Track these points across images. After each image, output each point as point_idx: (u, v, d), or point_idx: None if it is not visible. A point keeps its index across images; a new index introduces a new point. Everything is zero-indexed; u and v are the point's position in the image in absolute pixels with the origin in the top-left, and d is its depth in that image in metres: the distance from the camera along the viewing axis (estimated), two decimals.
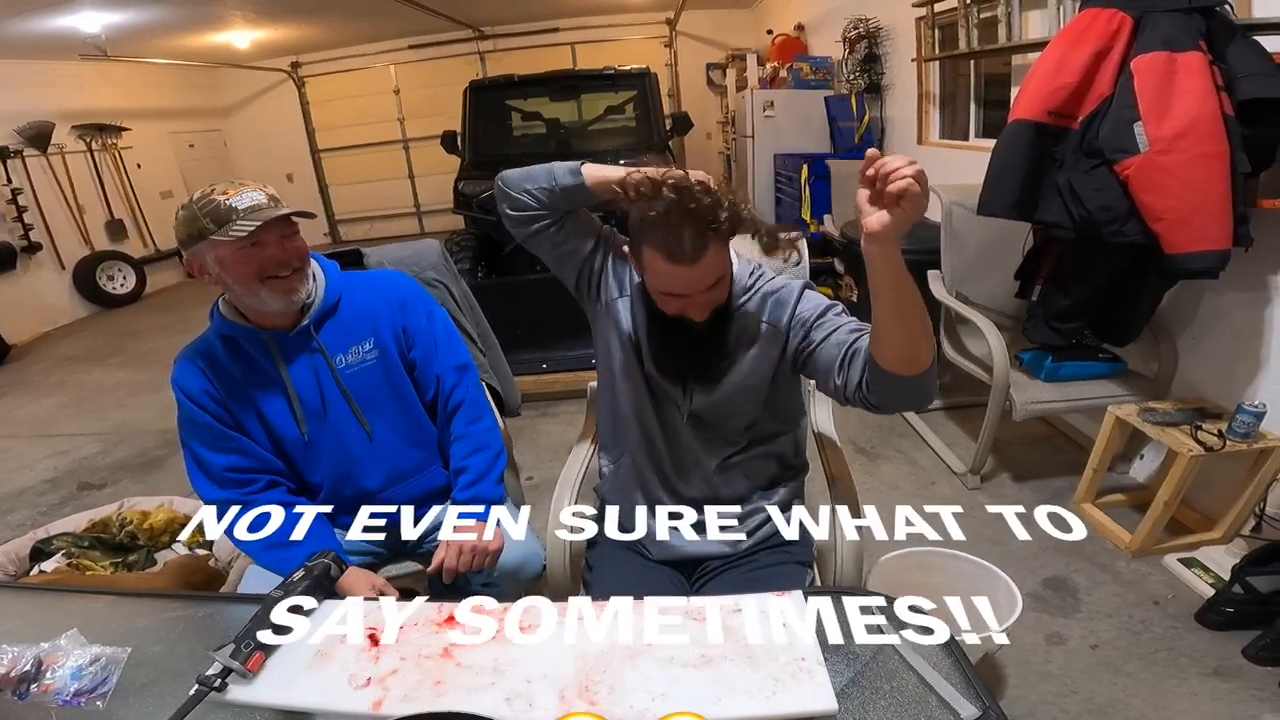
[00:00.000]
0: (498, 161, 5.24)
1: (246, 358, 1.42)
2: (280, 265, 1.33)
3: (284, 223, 1.33)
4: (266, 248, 1.31)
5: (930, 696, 0.80)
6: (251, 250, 1.29)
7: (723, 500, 1.37)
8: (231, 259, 1.29)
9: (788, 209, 5.29)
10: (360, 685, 0.87)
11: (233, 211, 1.26)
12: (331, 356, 1.45)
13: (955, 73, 4.13)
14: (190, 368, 1.40)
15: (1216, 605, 1.96)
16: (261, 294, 1.33)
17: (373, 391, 1.49)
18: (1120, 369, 2.54)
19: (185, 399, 1.40)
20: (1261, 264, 2.12)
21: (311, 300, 1.43)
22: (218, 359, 1.41)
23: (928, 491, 2.73)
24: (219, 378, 1.41)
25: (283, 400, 1.43)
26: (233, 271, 1.31)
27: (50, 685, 0.89)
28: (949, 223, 2.79)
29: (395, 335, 1.51)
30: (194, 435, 1.41)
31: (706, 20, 9.08)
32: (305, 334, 1.43)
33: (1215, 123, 1.87)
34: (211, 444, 1.40)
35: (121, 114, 7.56)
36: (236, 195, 1.28)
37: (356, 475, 1.50)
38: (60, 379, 5.11)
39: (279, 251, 1.32)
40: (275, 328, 1.41)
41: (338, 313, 1.47)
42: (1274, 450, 2.04)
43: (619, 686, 0.83)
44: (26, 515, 3.07)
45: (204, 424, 1.40)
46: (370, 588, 1.34)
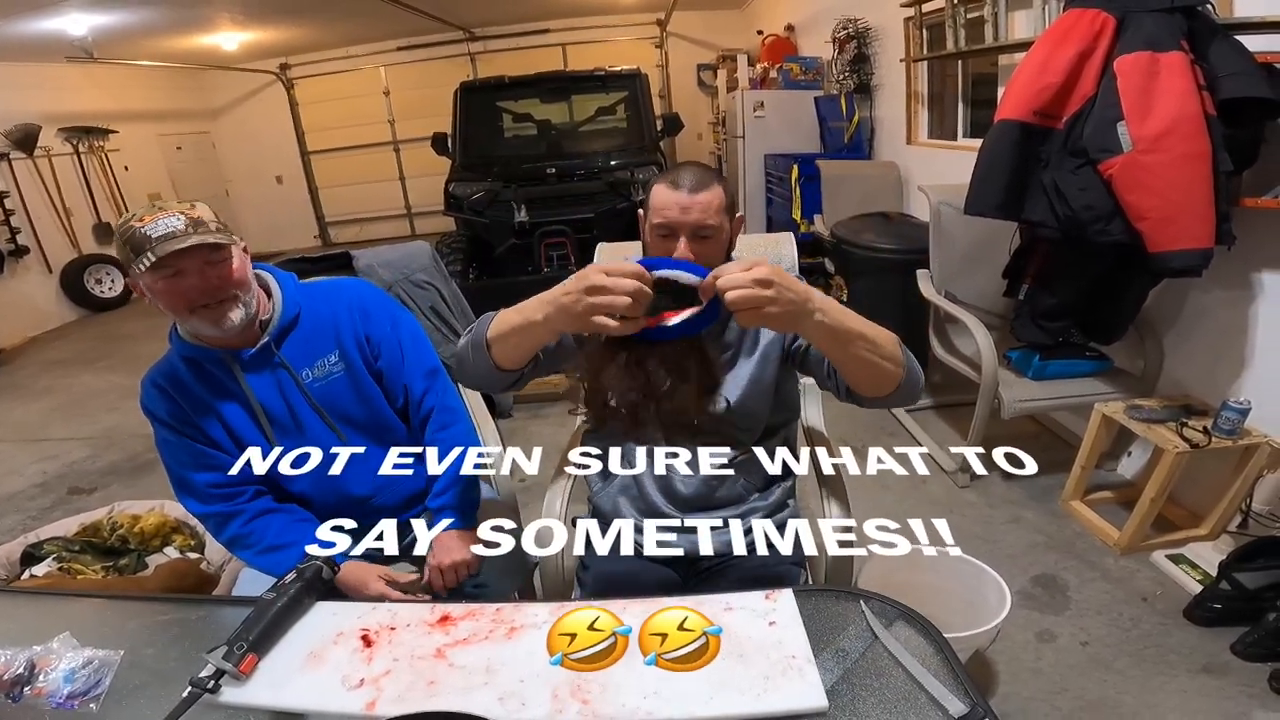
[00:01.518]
0: (489, 163, 5.30)
1: (209, 377, 1.39)
2: (205, 294, 1.26)
3: (206, 251, 1.24)
4: (187, 276, 1.24)
5: (919, 694, 0.81)
6: (173, 280, 1.24)
7: (716, 504, 1.39)
8: (158, 288, 1.25)
9: (778, 209, 5.31)
10: (354, 686, 0.87)
11: (146, 240, 1.19)
12: (297, 371, 1.42)
13: (943, 73, 4.15)
14: (154, 392, 1.38)
15: (1204, 602, 1.98)
16: (192, 321, 1.30)
17: (343, 403, 1.46)
18: (1107, 367, 2.57)
19: (156, 423, 1.39)
20: (1244, 262, 2.14)
21: (269, 317, 1.40)
22: (181, 380, 1.38)
23: (918, 489, 2.74)
24: (184, 399, 1.38)
25: (249, 417, 1.41)
26: (162, 300, 1.27)
27: (43, 688, 0.89)
28: (937, 222, 2.81)
29: (359, 344, 1.48)
30: (172, 456, 1.40)
31: (697, 21, 9.10)
32: (266, 351, 1.39)
33: (1197, 122, 1.89)
34: (190, 463, 1.39)
35: (109, 116, 7.51)
36: (151, 223, 1.20)
37: (342, 485, 1.48)
38: (48, 383, 5.08)
39: (199, 281, 1.25)
40: (233, 346, 1.38)
41: (298, 326, 1.43)
42: (1259, 446, 2.06)
43: (611, 685, 0.84)
44: (17, 520, 3.06)
45: (180, 443, 1.39)
46: (376, 578, 1.33)
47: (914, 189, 4.22)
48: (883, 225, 3.54)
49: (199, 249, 1.23)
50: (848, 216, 3.81)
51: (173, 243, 1.19)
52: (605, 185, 5.01)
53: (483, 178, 5.08)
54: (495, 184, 4.97)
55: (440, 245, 4.59)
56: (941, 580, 1.83)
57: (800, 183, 4.77)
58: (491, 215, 4.83)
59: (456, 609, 0.99)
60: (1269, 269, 2.13)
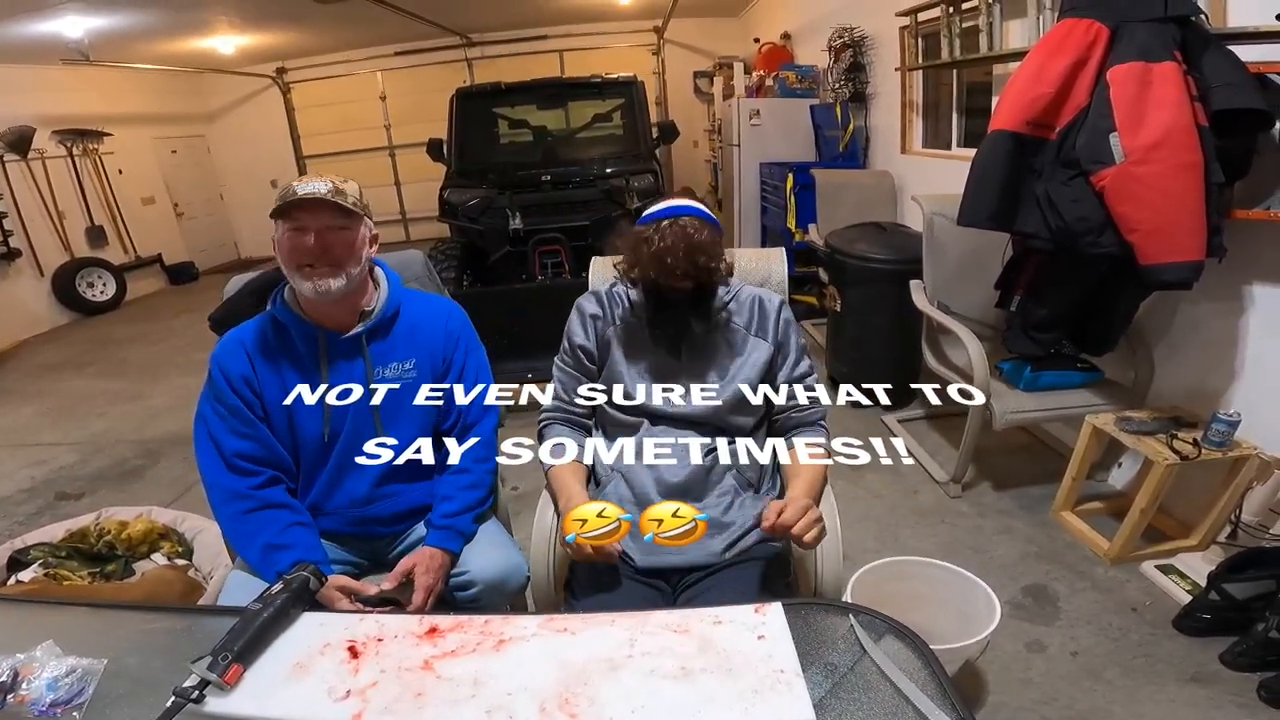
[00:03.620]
0: (484, 169, 5.29)
1: (292, 349, 1.44)
2: (314, 255, 1.34)
3: (332, 213, 1.35)
4: (307, 233, 1.34)
5: (907, 709, 0.81)
6: (295, 234, 1.34)
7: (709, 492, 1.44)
8: (283, 241, 1.36)
9: (773, 218, 5.32)
10: (340, 697, 0.86)
11: (292, 193, 1.32)
12: (374, 367, 1.47)
13: (938, 82, 4.17)
14: (235, 350, 1.43)
15: (1193, 612, 1.98)
16: (297, 278, 1.37)
17: (399, 408, 1.49)
18: (1098, 378, 2.57)
19: (221, 377, 1.42)
20: (1235, 274, 2.15)
21: (372, 308, 1.47)
22: (266, 342, 1.44)
23: (910, 500, 2.74)
24: (261, 363, 1.43)
25: (316, 395, 1.43)
26: (280, 252, 1.37)
27: (26, 696, 0.88)
28: (930, 233, 2.81)
29: (434, 363, 1.52)
30: (216, 414, 1.42)
31: (694, 29, 9.14)
32: (357, 341, 1.45)
33: (1190, 133, 1.90)
34: (231, 427, 1.41)
35: (104, 119, 7.50)
36: (304, 182, 1.34)
37: (351, 482, 1.50)
38: (38, 387, 5.05)
39: (316, 241, 1.34)
40: (330, 327, 1.44)
41: (392, 328, 1.50)
42: (1249, 458, 2.07)
43: (599, 699, 0.84)
44: (3, 525, 3.03)
45: (232, 405, 1.41)
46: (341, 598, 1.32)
47: (908, 198, 4.23)
48: (877, 235, 3.55)
49: (326, 209, 1.34)
50: (842, 226, 3.81)
51: (308, 197, 1.32)
52: (600, 193, 5.01)
53: (478, 184, 5.07)
54: (490, 191, 4.96)
55: (434, 252, 4.58)
56: (931, 590, 1.83)
57: (795, 191, 4.78)
58: (486, 222, 4.83)
59: (445, 621, 0.99)
60: (1260, 281, 2.13)
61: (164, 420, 4.18)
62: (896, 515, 2.65)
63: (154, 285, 8.20)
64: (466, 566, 1.44)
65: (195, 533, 2.31)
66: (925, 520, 2.61)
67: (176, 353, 5.48)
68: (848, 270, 3.45)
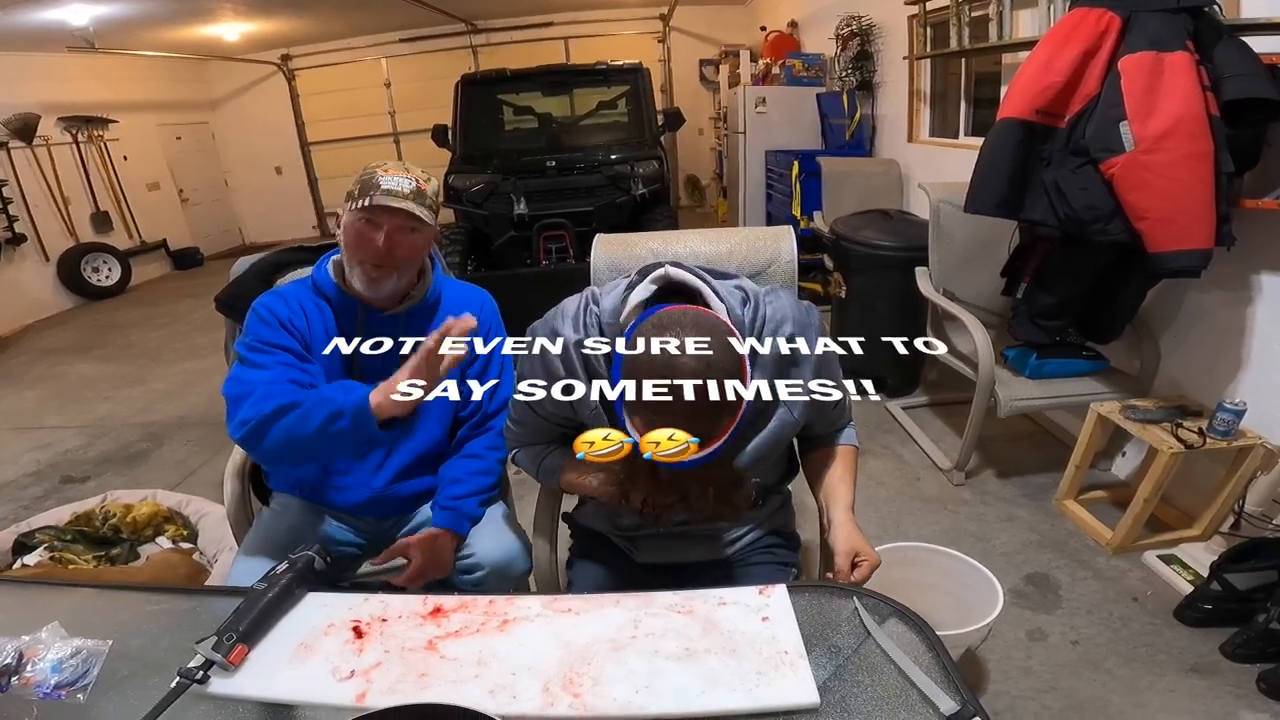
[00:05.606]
0: (489, 156, 5.28)
1: (327, 317, 1.44)
2: (380, 254, 1.35)
3: (407, 217, 1.34)
4: (379, 230, 1.34)
5: (911, 690, 0.81)
6: (367, 226, 1.34)
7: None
8: (350, 226, 1.36)
9: (778, 205, 5.30)
10: (344, 678, 0.86)
11: (376, 186, 1.32)
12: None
13: (946, 71, 4.14)
14: (276, 300, 1.42)
15: (1195, 602, 1.98)
16: (355, 268, 1.38)
17: None
18: (1103, 366, 2.57)
19: (269, 315, 1.38)
20: (1243, 263, 2.14)
21: (415, 293, 1.47)
22: (305, 304, 1.43)
23: (913, 487, 2.75)
24: (307, 310, 1.42)
25: (344, 368, 1.43)
26: (345, 236, 1.38)
27: (31, 678, 0.89)
28: (937, 220, 2.80)
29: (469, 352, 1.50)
30: (262, 349, 1.34)
31: (700, 16, 9.08)
32: (394, 321, 1.45)
33: (1200, 123, 1.88)
34: (281, 360, 1.34)
35: (108, 106, 7.51)
36: (388, 176, 1.33)
37: (374, 460, 1.51)
38: (43, 371, 5.07)
39: (386, 240, 1.34)
40: (371, 304, 1.44)
41: (433, 315, 1.49)
42: (1253, 448, 2.06)
43: (603, 679, 0.84)
44: (9, 509, 3.05)
45: (282, 343, 1.36)
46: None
47: (914, 186, 4.22)
48: (882, 222, 3.53)
49: (403, 213, 1.33)
50: (848, 213, 3.80)
51: (390, 199, 1.31)
52: (605, 179, 5.00)
53: (483, 170, 5.07)
54: (495, 176, 4.97)
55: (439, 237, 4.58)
56: (934, 578, 1.83)
57: (801, 179, 4.76)
58: (491, 208, 4.83)
59: (449, 601, 0.99)
60: (1268, 271, 2.12)
61: (168, 404, 4.20)
62: (899, 502, 2.65)
63: (159, 270, 8.22)
64: (473, 549, 1.45)
65: (200, 516, 2.32)
66: (928, 507, 2.61)
67: (181, 337, 5.49)
68: (853, 257, 3.44)
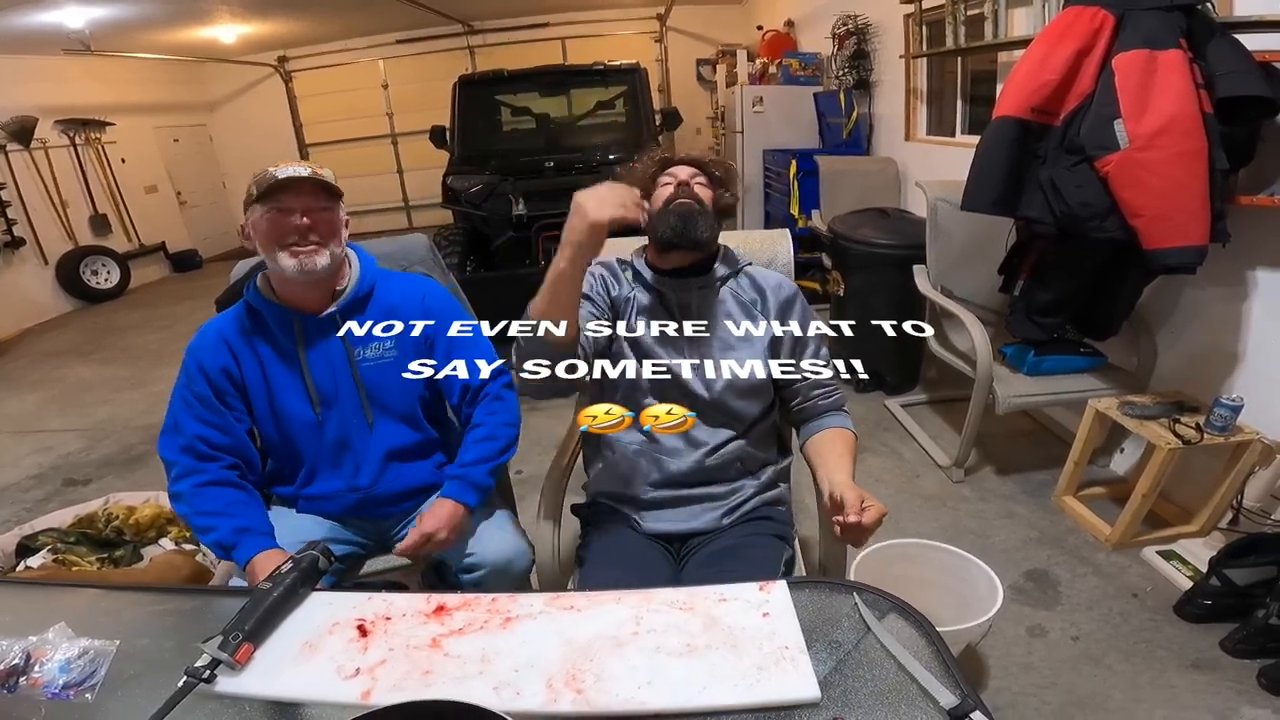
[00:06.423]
0: (487, 156, 5.28)
1: (268, 333, 1.45)
2: (301, 233, 1.37)
3: (315, 192, 1.38)
4: (291, 213, 1.36)
5: (911, 686, 0.82)
6: (278, 215, 1.36)
7: (712, 479, 1.44)
8: (260, 223, 1.36)
9: (776, 204, 5.31)
10: (349, 676, 0.87)
11: (271, 178, 1.34)
12: (353, 347, 1.48)
13: (942, 69, 4.15)
14: (214, 341, 1.45)
15: (1194, 598, 1.99)
16: (280, 258, 1.37)
17: (385, 389, 1.51)
18: (1101, 363, 2.58)
19: (194, 367, 1.44)
20: (1238, 259, 2.15)
21: (344, 288, 1.48)
22: (243, 330, 1.45)
23: (912, 485, 2.75)
24: (242, 350, 1.45)
25: (297, 380, 1.46)
26: (259, 235, 1.37)
27: (39, 678, 0.89)
28: (934, 218, 2.81)
29: (416, 342, 1.52)
30: (184, 400, 1.45)
31: (697, 16, 9.08)
32: (331, 321, 1.46)
33: (1194, 120, 1.89)
34: (196, 413, 1.43)
35: (106, 109, 7.50)
36: (281, 168, 1.36)
37: (348, 463, 1.52)
38: (43, 375, 5.07)
39: (300, 221, 1.36)
40: (303, 309, 1.45)
41: (367, 306, 1.50)
42: (1251, 443, 2.07)
43: (605, 675, 0.85)
44: (11, 512, 3.05)
45: (200, 394, 1.43)
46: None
47: (911, 185, 4.22)
48: (880, 221, 3.54)
49: (309, 189, 1.37)
50: (845, 212, 3.81)
51: (293, 175, 1.35)
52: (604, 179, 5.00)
53: (481, 171, 5.07)
54: (493, 177, 4.96)
55: (438, 238, 4.58)
56: (934, 574, 1.84)
57: (798, 178, 4.77)
58: (489, 208, 4.82)
59: (452, 599, 0.99)
60: (1263, 267, 2.13)
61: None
62: (899, 499, 2.66)
63: (158, 273, 8.22)
64: (475, 549, 1.46)
65: None
66: (927, 504, 2.62)
67: (180, 339, 5.41)
68: (851, 255, 3.45)
